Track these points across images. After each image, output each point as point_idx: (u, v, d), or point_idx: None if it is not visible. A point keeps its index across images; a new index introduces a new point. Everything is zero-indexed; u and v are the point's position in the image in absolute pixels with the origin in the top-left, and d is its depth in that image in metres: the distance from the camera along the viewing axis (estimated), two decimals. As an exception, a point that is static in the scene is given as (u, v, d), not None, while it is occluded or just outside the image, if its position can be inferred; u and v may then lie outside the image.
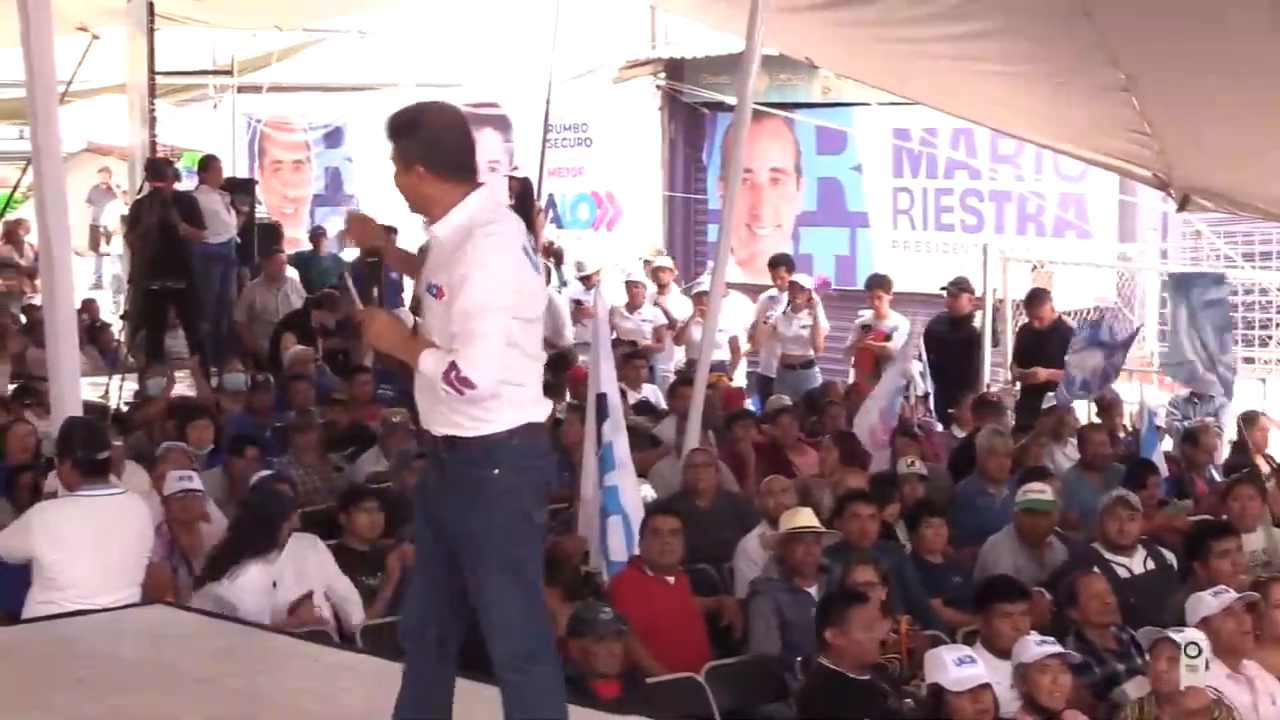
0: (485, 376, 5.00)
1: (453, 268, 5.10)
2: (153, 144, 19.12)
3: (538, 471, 5.27)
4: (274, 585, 8.54)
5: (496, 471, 5.16)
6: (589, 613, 8.04)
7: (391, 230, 6.52)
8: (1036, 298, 15.65)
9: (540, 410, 5.29)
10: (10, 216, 23.82)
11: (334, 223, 24.20)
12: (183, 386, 14.93)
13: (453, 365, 4.99)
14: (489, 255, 5.08)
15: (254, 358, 16.27)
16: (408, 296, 13.66)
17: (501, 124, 24.19)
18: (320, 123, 25.97)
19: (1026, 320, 15.70)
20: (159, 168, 17.00)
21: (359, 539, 9.54)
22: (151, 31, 19.09)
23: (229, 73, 24.78)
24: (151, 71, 19.24)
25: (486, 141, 24.09)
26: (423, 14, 22.88)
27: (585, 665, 7.78)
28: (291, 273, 18.57)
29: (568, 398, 13.97)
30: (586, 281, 19.02)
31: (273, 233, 21.10)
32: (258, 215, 20.77)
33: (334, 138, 25.99)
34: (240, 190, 18.99)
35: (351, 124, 25.68)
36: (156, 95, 19.42)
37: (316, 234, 22.25)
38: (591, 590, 9.13)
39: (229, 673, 6.36)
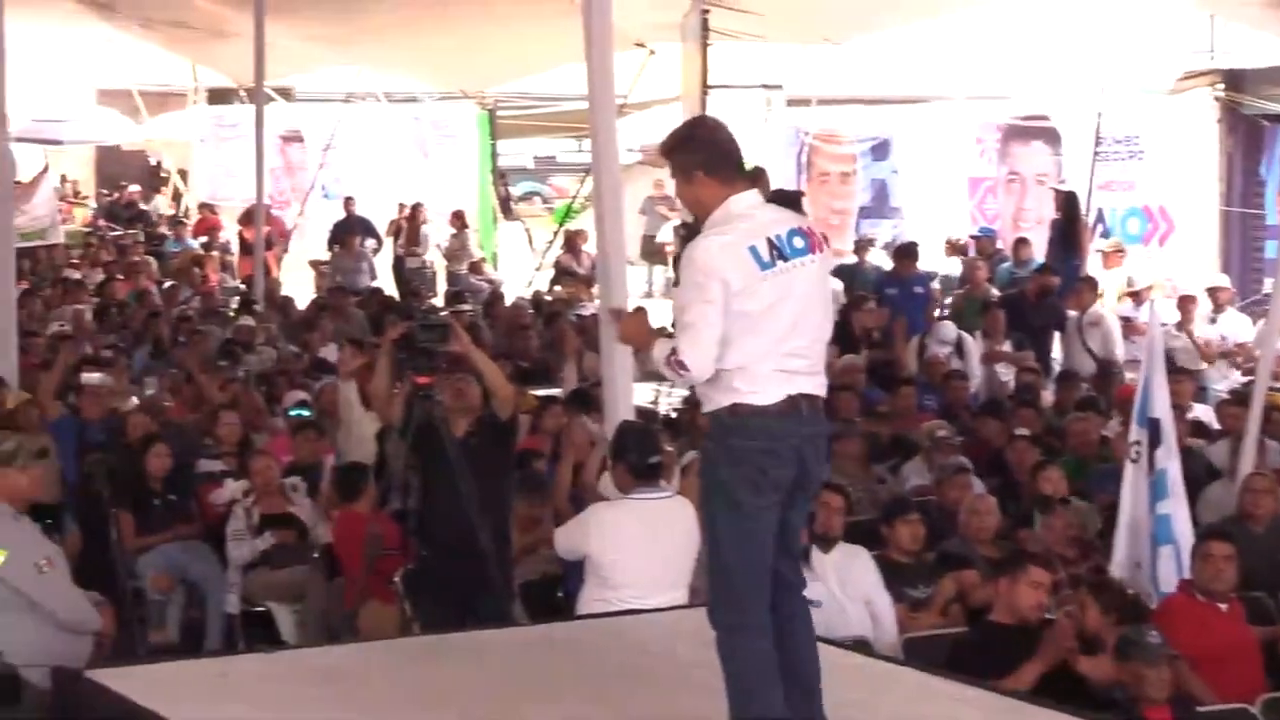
0: (693, 360, 5.66)
1: (681, 264, 5.87)
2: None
3: (744, 452, 5.74)
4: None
5: (710, 445, 5.88)
6: (1137, 636, 7.85)
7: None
8: None
9: (757, 396, 5.73)
10: (569, 226, 24.74)
11: (880, 233, 24.34)
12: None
13: (672, 351, 5.70)
14: (698, 256, 5.74)
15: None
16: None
17: (1050, 137, 23.82)
18: (867, 135, 26.07)
19: None
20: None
21: (901, 551, 9.54)
22: (705, 46, 19.52)
23: (778, 87, 25.16)
24: (704, 85, 19.68)
25: (1034, 154, 23.79)
26: (972, 25, 22.73)
27: (1134, 689, 7.59)
28: (835, 284, 18.69)
29: (1115, 416, 13.65)
30: (1136, 298, 18.57)
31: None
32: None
33: (881, 150, 26.05)
34: (787, 202, 19.20)
35: (899, 137, 25.70)
36: (708, 108, 19.84)
37: (860, 245, 22.39)
38: (1140, 614, 8.90)
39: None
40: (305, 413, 13.04)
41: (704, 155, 5.89)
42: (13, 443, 8.34)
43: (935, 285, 19.45)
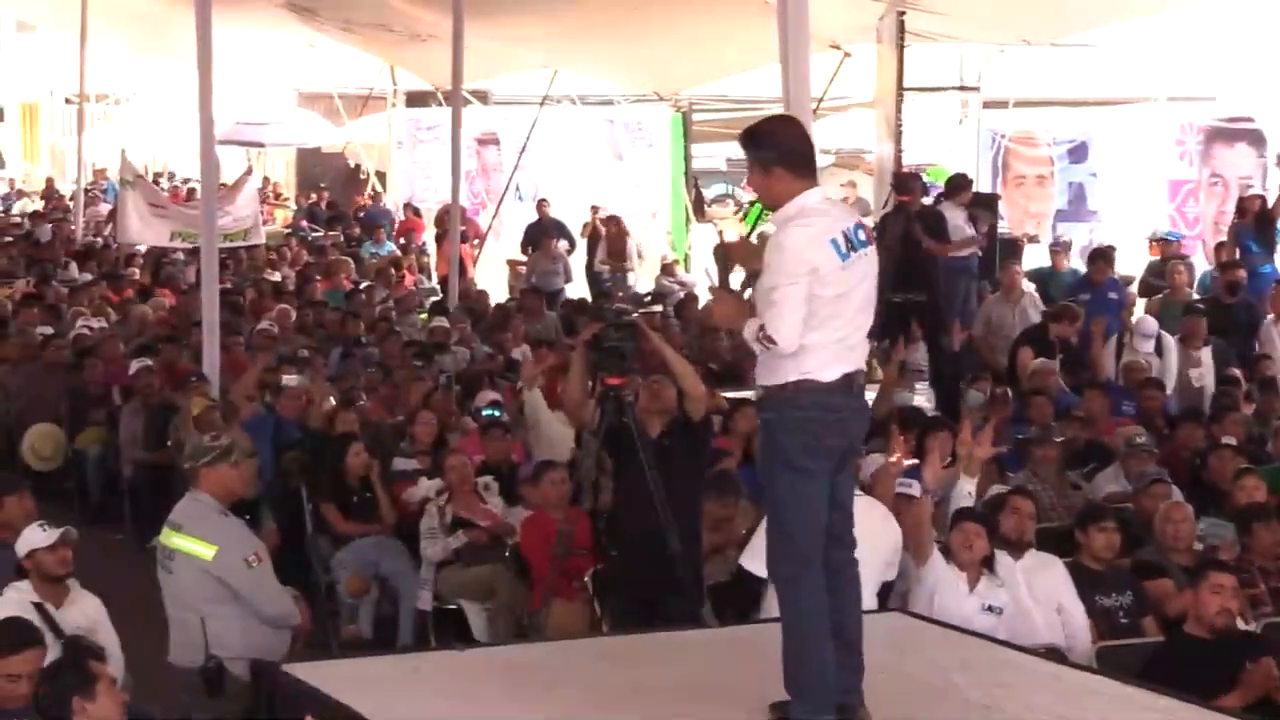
0: (781, 335, 6.18)
1: (768, 250, 6.35)
2: (898, 158, 19.42)
3: (803, 421, 6.30)
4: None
5: (770, 415, 6.40)
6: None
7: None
8: None
9: (821, 373, 6.30)
10: (760, 229, 24.68)
11: (1077, 237, 24.02)
12: (921, 399, 15.12)
13: (761, 327, 6.22)
14: (789, 240, 6.27)
15: (992, 372, 16.24)
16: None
17: (1255, 139, 23.36)
18: (1064, 138, 25.75)
19: None
20: (905, 182, 17.25)
21: (1094, 558, 9.39)
22: (901, 48, 19.38)
23: (975, 89, 24.95)
24: (900, 87, 19.54)
25: (1238, 157, 23.34)
26: (1175, 26, 22.34)
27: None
28: (1030, 287, 18.49)
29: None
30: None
31: (1013, 248, 21.07)
32: (1000, 230, 20.79)
33: (1078, 153, 25.72)
34: (981, 205, 19.03)
35: (1097, 139, 25.35)
36: (903, 110, 19.71)
37: (1056, 249, 22.10)
38: None
39: (968, 684, 6.40)
40: (497, 413, 13.16)
41: (783, 151, 6.40)
42: (227, 439, 8.53)
43: (1131, 290, 19.14)
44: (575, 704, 6.75)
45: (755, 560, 8.86)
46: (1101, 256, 17.82)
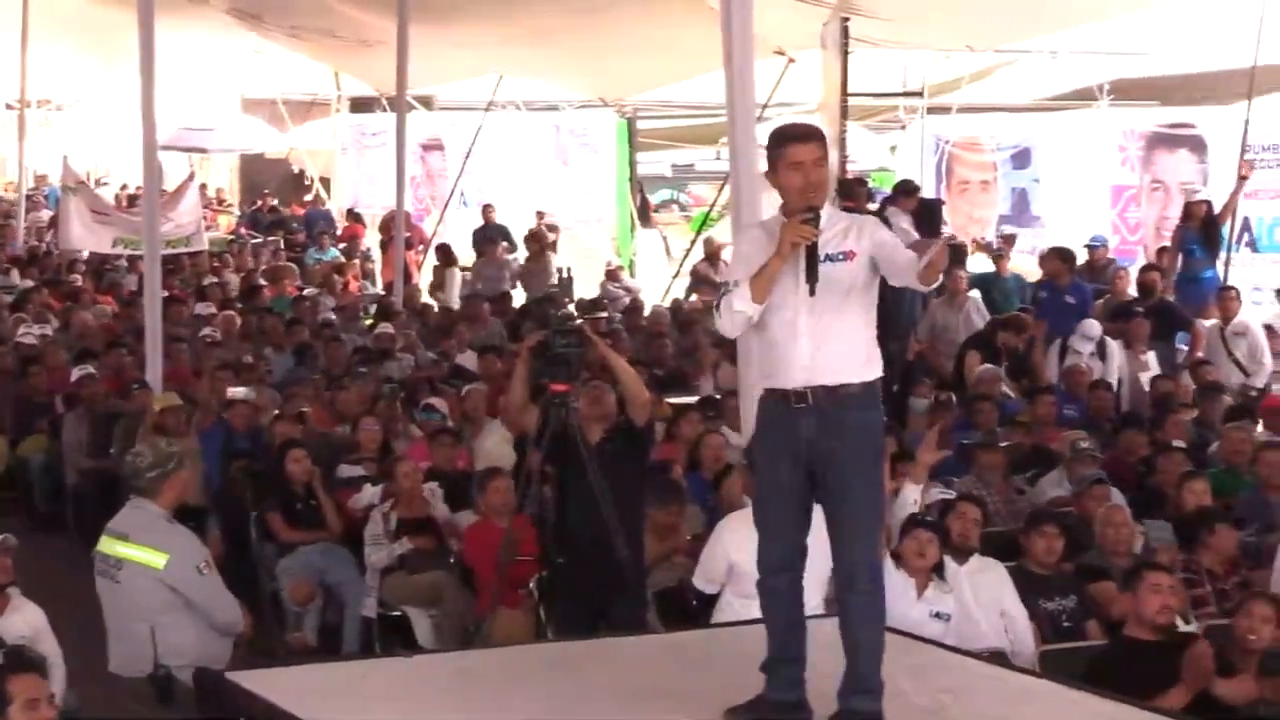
0: None
1: (859, 235, 6.32)
2: (843, 165, 19.46)
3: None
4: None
5: (873, 414, 6.25)
6: (1282, 652, 7.71)
7: None
8: None
9: None
10: (706, 234, 24.72)
11: (1019, 242, 24.13)
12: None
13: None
14: None
15: (937, 377, 16.29)
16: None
17: (1196, 145, 23.51)
18: (1009, 143, 25.87)
19: None
20: (850, 188, 17.28)
21: (1038, 563, 9.45)
22: (845, 54, 19.44)
23: (919, 94, 25.04)
24: (844, 93, 19.60)
25: (1180, 162, 23.49)
26: (1118, 32, 22.46)
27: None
28: (974, 292, 18.56)
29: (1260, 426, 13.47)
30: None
31: (957, 253, 21.13)
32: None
33: (1021, 158, 25.86)
34: (929, 212, 19.05)
35: (1040, 144, 25.48)
36: (848, 117, 19.77)
37: (998, 254, 22.20)
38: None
39: (915, 689, 6.43)
40: (434, 417, 13.18)
41: None
42: (176, 447, 8.50)
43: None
44: (525, 710, 6.74)
45: (704, 580, 8.95)
46: (1059, 256, 17.72)
